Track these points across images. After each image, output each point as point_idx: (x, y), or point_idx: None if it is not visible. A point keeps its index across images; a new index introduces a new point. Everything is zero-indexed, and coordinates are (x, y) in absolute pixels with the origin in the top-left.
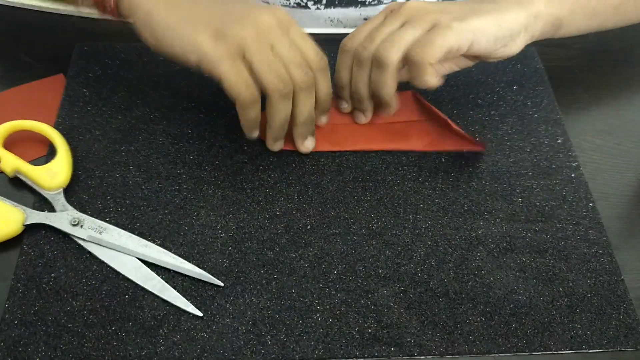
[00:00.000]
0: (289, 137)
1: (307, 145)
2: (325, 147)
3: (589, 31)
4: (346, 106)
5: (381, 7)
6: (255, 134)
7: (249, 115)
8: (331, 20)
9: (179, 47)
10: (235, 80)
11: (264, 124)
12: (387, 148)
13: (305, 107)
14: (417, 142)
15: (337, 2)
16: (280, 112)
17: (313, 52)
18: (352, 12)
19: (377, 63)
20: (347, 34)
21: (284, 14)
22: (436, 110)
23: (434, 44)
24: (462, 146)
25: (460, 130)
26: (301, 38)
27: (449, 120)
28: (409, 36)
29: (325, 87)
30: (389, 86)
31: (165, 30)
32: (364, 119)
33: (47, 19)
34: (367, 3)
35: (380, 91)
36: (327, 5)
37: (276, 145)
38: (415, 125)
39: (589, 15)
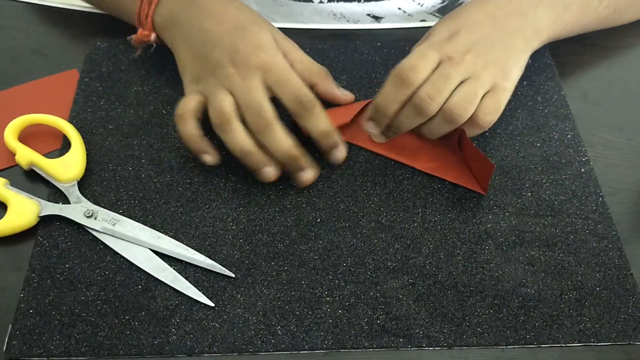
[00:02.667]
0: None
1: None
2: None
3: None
4: (375, 132)
5: (384, 3)
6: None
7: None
8: (334, 15)
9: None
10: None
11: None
12: (392, 157)
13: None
14: (423, 163)
15: None
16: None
17: (293, 98)
18: (355, 7)
19: (448, 119)
20: (350, 29)
21: (266, 57)
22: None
23: (498, 111)
24: (464, 182)
25: (475, 155)
26: (279, 84)
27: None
28: (478, 98)
29: (316, 127)
30: (445, 133)
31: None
32: (384, 140)
33: (63, 15)
34: None
35: (433, 136)
36: (329, 0)
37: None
38: (427, 146)
39: (584, 26)
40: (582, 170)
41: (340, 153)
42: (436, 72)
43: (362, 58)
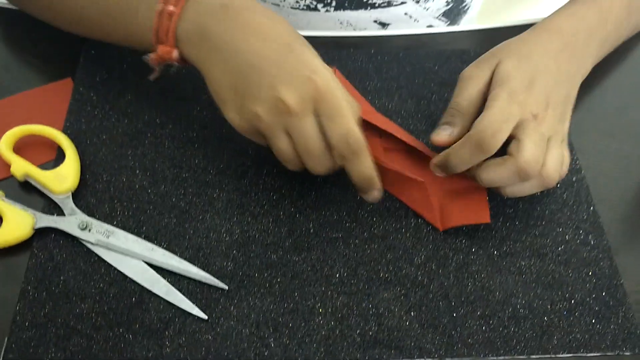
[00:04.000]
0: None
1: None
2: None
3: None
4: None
5: (391, 10)
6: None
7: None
8: (341, 23)
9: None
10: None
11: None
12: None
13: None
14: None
15: (346, 5)
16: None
17: (340, 138)
18: (362, 14)
19: (544, 184)
20: (356, 36)
21: (321, 83)
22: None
23: (565, 167)
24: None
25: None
26: (329, 119)
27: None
28: (566, 157)
29: (358, 172)
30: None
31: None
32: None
33: None
34: (376, 5)
35: (516, 194)
36: (336, 8)
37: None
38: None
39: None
40: (574, 179)
41: (377, 195)
42: (530, 132)
43: (363, 66)
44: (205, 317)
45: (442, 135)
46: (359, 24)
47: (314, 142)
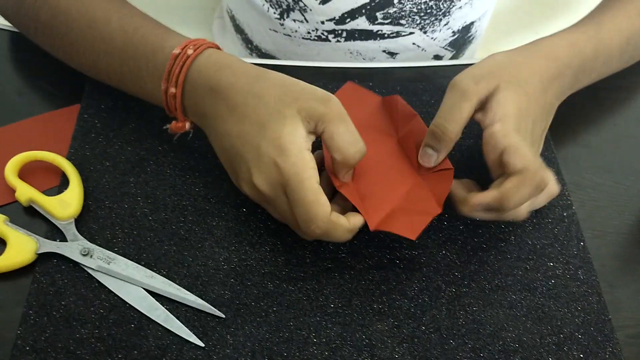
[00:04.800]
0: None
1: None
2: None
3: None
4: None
5: (399, 40)
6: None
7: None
8: (351, 53)
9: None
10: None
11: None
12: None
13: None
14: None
15: (356, 36)
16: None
17: (303, 224)
18: (371, 45)
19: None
20: (361, 67)
21: (285, 168)
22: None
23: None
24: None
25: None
26: (293, 205)
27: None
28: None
29: (334, 240)
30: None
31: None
32: None
33: None
34: (385, 36)
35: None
36: (347, 39)
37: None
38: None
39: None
40: (565, 214)
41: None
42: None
43: None
44: (202, 344)
45: (424, 160)
46: (368, 53)
47: (291, 219)
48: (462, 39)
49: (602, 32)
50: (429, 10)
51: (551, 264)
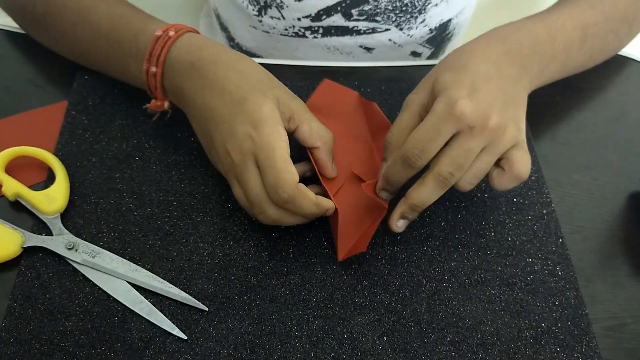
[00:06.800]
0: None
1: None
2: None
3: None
4: (387, 198)
5: (375, 36)
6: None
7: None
8: (328, 48)
9: None
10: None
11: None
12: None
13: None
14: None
15: (333, 32)
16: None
17: (271, 189)
18: (347, 40)
19: (461, 189)
20: (343, 67)
21: (258, 138)
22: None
23: (529, 162)
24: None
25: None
26: (263, 171)
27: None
28: (491, 166)
29: (300, 212)
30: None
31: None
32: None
33: None
34: (361, 32)
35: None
36: (323, 35)
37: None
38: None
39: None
40: (544, 211)
41: (332, 211)
42: (456, 146)
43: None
44: (185, 337)
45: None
46: (345, 48)
47: (255, 192)
48: (440, 36)
49: (550, 16)
50: (404, 8)
51: (530, 259)
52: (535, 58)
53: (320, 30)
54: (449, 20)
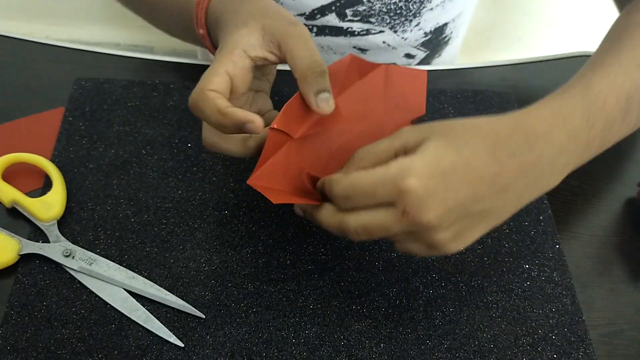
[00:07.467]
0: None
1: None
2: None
3: None
4: None
5: (369, 38)
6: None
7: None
8: (322, 47)
9: None
10: None
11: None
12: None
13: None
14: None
15: (327, 31)
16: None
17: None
18: (341, 41)
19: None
20: None
21: (192, 95)
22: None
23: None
24: None
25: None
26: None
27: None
28: None
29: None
30: None
31: None
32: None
33: (55, 53)
34: (355, 33)
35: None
36: (317, 34)
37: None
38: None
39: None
40: (541, 217)
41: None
42: (380, 216)
43: None
44: (182, 345)
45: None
46: (339, 49)
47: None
48: (435, 40)
49: (592, 89)
50: (398, 11)
51: (527, 266)
52: (562, 160)
53: (315, 30)
54: (445, 24)
